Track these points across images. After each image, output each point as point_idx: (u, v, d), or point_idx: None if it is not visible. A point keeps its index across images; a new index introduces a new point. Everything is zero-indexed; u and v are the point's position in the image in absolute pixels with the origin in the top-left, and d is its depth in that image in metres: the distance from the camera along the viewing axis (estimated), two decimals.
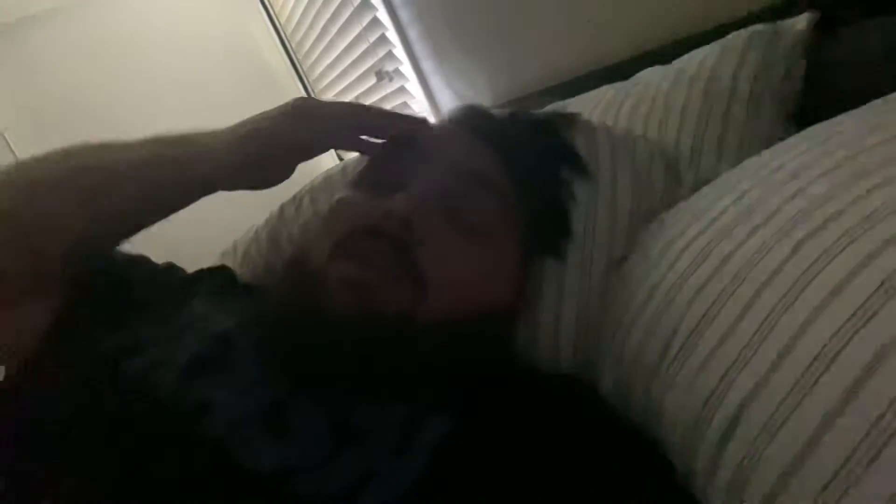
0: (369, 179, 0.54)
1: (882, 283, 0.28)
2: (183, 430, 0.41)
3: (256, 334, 0.47)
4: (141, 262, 0.62)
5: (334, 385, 0.43)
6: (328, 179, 0.83)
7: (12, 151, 2.12)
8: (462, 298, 0.47)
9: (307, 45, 2.19)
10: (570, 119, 0.62)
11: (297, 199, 0.83)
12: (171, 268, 0.64)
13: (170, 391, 0.43)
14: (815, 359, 0.29)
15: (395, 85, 1.82)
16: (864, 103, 0.46)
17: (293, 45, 2.29)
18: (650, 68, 0.81)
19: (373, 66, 1.89)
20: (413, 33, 1.55)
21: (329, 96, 2.43)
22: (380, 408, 0.43)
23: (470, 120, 0.59)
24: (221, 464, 0.39)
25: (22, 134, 2.11)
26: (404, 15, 1.55)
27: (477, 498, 0.38)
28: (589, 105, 0.82)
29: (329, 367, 0.43)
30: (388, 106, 1.96)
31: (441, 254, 0.46)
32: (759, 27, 0.69)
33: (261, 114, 0.57)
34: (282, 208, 0.84)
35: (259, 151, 0.55)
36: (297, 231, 0.77)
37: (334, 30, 1.89)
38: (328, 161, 2.49)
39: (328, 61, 2.19)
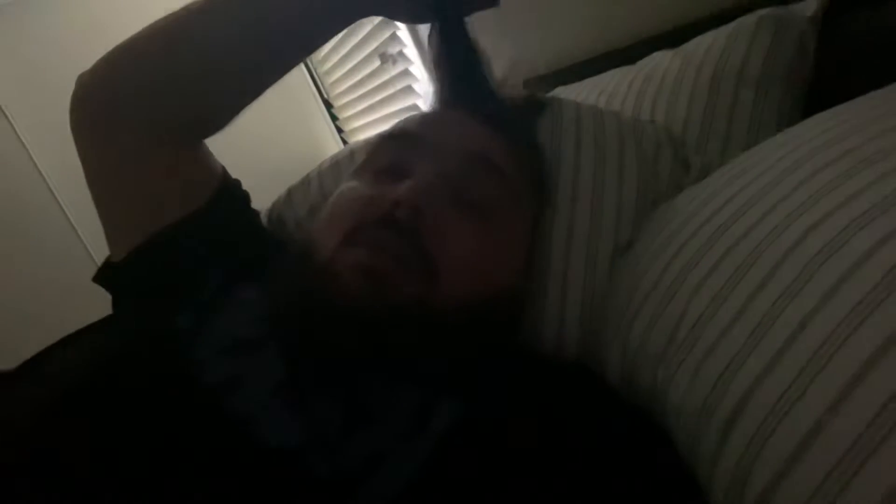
0: (374, 167, 0.54)
1: (891, 270, 0.28)
2: (208, 402, 0.42)
3: (275, 321, 0.48)
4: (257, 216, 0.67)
5: (348, 369, 0.44)
6: (336, 164, 0.82)
7: (13, 126, 2.12)
8: (473, 282, 0.47)
9: None
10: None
11: (305, 183, 0.83)
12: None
13: (203, 363, 0.44)
14: (822, 345, 0.29)
15: (399, 67, 1.81)
16: (878, 87, 0.45)
17: None
18: (658, 52, 0.80)
19: (377, 48, 1.88)
20: None
21: (332, 79, 2.42)
22: (393, 391, 0.43)
23: (472, 101, 0.59)
24: (241, 438, 0.40)
25: (22, 108, 2.11)
26: None
27: (487, 481, 0.38)
28: (596, 89, 0.82)
29: (342, 353, 0.43)
30: (391, 89, 1.94)
31: (451, 239, 0.46)
32: (768, 10, 0.68)
33: None
34: (289, 191, 0.83)
35: None
36: (304, 214, 0.77)
37: None
38: (335, 145, 2.49)
39: (332, 43, 2.17)
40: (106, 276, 0.59)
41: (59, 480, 0.39)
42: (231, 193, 0.62)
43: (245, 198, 0.65)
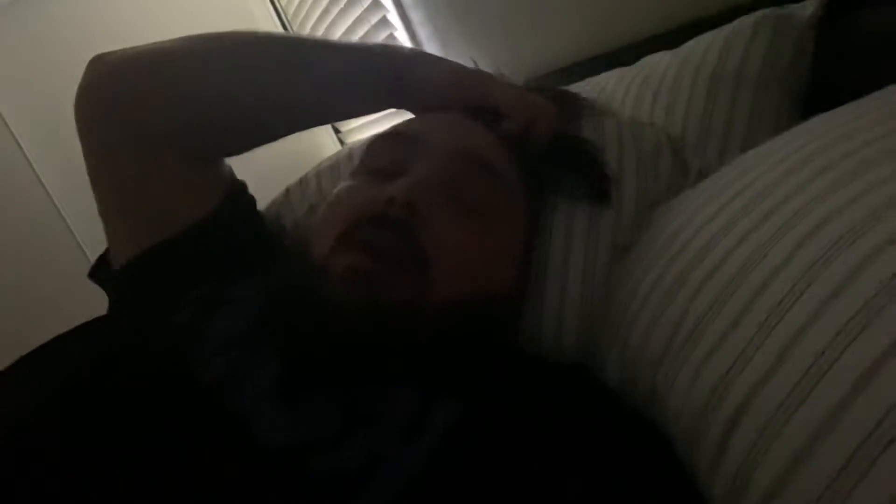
0: (370, 167, 0.54)
1: (894, 275, 0.28)
2: (206, 399, 0.42)
3: (269, 321, 0.47)
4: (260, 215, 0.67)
5: (344, 371, 0.44)
6: (334, 164, 0.82)
7: (10, 129, 2.11)
8: (467, 280, 0.47)
9: (308, 26, 2.17)
10: (580, 98, 0.62)
11: (303, 183, 0.83)
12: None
13: (201, 361, 0.44)
14: (825, 348, 0.29)
15: None
16: (877, 89, 0.45)
17: (294, 29, 2.27)
18: (655, 53, 0.80)
19: None
20: (415, 16, 1.53)
21: None
22: (390, 392, 0.43)
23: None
24: (239, 437, 0.40)
25: (17, 108, 2.10)
26: None
27: (486, 482, 0.38)
28: (593, 90, 0.82)
29: (337, 356, 0.43)
30: None
31: (445, 236, 0.46)
32: (766, 11, 0.68)
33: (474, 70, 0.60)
34: (288, 191, 0.83)
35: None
36: (301, 214, 0.77)
37: (335, 11, 1.87)
38: (333, 146, 2.48)
39: None
40: (104, 277, 0.59)
41: (58, 478, 0.38)
42: (237, 200, 0.61)
43: (251, 202, 0.64)
